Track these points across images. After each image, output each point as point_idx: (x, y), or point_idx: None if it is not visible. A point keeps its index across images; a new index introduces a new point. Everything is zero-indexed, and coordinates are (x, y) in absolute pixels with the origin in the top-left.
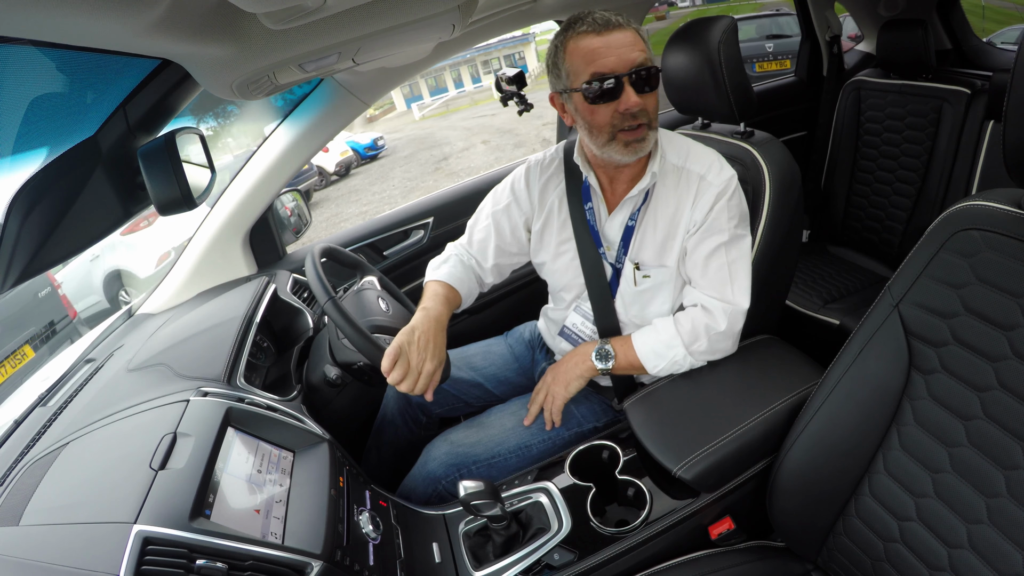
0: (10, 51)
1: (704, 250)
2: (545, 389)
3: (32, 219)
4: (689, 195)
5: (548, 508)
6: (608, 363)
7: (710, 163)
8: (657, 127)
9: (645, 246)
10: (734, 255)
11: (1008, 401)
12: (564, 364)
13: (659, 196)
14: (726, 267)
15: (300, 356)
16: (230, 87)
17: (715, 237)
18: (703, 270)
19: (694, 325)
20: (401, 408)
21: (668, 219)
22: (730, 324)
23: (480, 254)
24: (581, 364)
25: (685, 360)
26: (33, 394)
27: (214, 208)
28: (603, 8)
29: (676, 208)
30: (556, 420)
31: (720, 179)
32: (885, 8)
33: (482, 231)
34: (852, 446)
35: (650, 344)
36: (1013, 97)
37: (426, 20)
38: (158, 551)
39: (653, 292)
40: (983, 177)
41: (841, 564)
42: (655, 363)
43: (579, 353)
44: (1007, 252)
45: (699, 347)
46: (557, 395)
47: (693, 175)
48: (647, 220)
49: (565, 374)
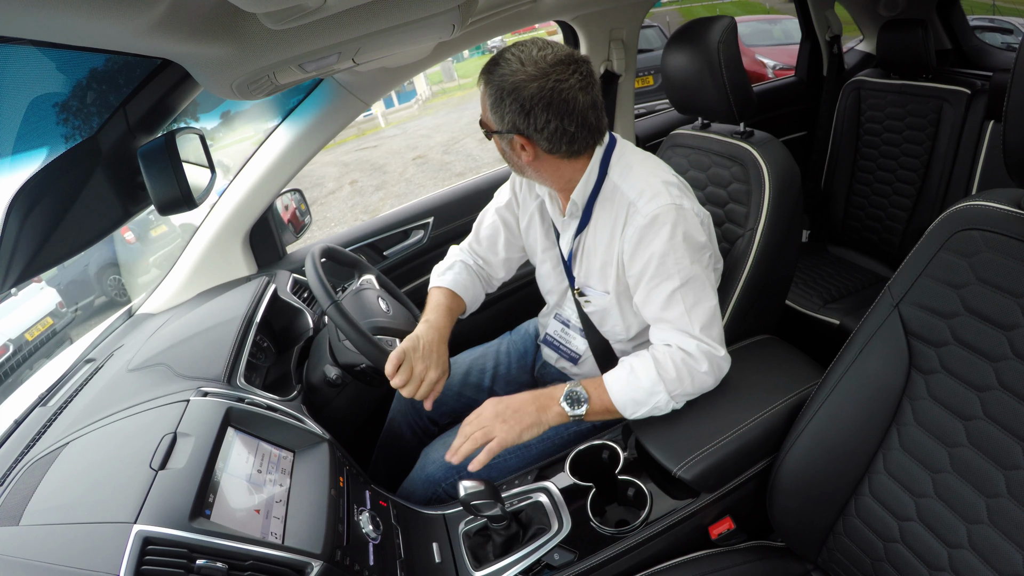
0: (10, 51)
1: (659, 299)
2: (479, 424)
3: (32, 219)
4: (620, 220)
5: (548, 508)
6: (581, 408)
7: (643, 189)
8: (517, 171)
9: (588, 271)
10: (691, 300)
11: (1008, 401)
12: (518, 405)
13: (597, 219)
14: (685, 315)
15: (300, 356)
16: (230, 87)
17: (667, 283)
18: (661, 317)
19: (678, 370)
20: (410, 421)
21: (605, 244)
22: (711, 364)
23: (490, 249)
24: (545, 411)
25: (667, 405)
26: (33, 394)
27: (214, 208)
28: (603, 8)
29: (611, 233)
30: (483, 460)
31: (648, 208)
32: (885, 8)
33: (489, 227)
34: (852, 446)
35: (629, 393)
36: (1013, 97)
37: (426, 20)
38: (158, 551)
39: (600, 315)
40: (983, 177)
41: (841, 564)
42: (634, 410)
43: (544, 396)
44: (1007, 252)
45: (683, 390)
46: (504, 439)
47: (624, 199)
48: (588, 244)
49: (520, 419)
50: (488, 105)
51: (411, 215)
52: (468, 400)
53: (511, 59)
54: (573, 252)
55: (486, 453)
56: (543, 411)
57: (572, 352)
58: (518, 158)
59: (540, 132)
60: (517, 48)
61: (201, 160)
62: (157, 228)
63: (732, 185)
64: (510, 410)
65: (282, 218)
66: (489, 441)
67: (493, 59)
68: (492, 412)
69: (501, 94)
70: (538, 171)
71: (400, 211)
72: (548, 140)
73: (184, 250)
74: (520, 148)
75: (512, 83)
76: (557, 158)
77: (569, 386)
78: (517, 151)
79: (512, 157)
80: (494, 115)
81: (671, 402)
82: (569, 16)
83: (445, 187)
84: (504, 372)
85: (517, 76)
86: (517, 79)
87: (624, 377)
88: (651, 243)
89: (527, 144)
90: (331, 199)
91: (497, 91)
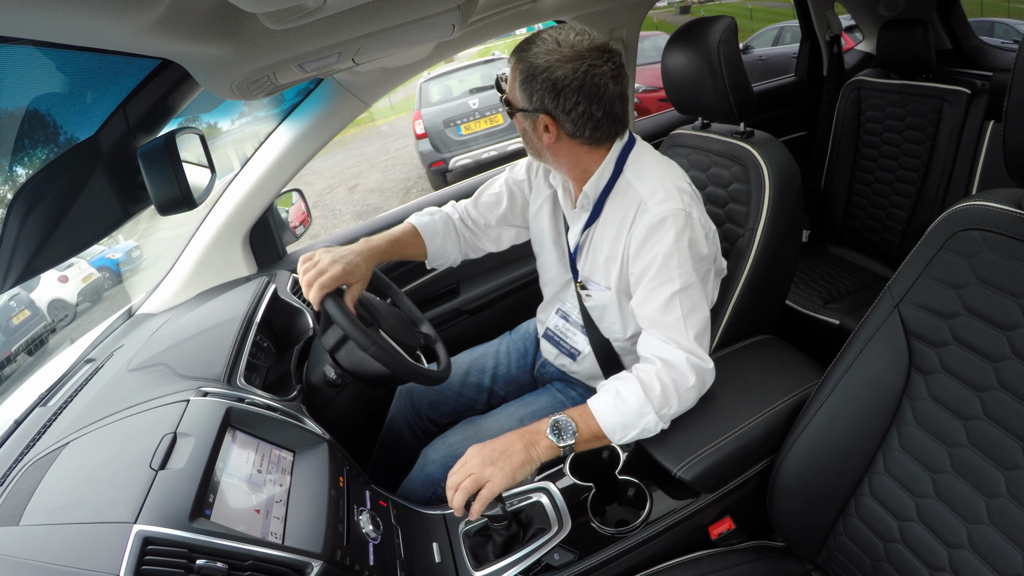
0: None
1: (658, 300)
2: (466, 472)
3: (32, 219)
4: (629, 217)
5: (548, 508)
6: (570, 439)
7: (656, 189)
8: (533, 153)
9: (593, 265)
10: (688, 306)
11: (1008, 401)
12: (503, 446)
13: (607, 215)
14: (681, 320)
15: (300, 356)
16: (230, 87)
17: (667, 286)
18: (657, 321)
19: (664, 388)
20: (409, 422)
21: (611, 240)
22: (699, 377)
23: (483, 214)
24: (534, 447)
25: (656, 427)
26: (33, 394)
27: (214, 208)
28: (603, 8)
29: (618, 229)
30: (477, 511)
31: (659, 208)
32: (885, 8)
33: (493, 196)
34: (852, 446)
35: (617, 417)
36: (1013, 97)
37: (426, 20)
38: (158, 551)
39: (600, 311)
40: (983, 177)
41: (841, 564)
42: (623, 434)
43: (530, 432)
44: (1007, 252)
45: (670, 410)
46: (496, 484)
47: (636, 196)
48: (595, 238)
49: (509, 459)
50: (518, 83)
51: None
52: (468, 400)
53: (548, 39)
54: (580, 245)
55: (479, 503)
56: (531, 447)
57: (572, 348)
58: (538, 139)
59: (567, 114)
60: (554, 31)
61: (201, 160)
62: (19, 315)
63: (732, 185)
64: (496, 452)
65: (292, 219)
66: (480, 488)
67: (528, 38)
68: (479, 459)
69: (533, 72)
70: (556, 155)
71: (400, 211)
72: (573, 123)
73: (184, 250)
74: (543, 129)
75: (547, 62)
76: (578, 144)
77: (553, 417)
78: (539, 131)
79: (532, 138)
80: (523, 93)
81: (659, 423)
82: (569, 16)
83: (445, 187)
84: (504, 372)
85: (552, 56)
86: (552, 59)
87: (610, 402)
88: (657, 243)
89: (552, 125)
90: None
91: (529, 69)
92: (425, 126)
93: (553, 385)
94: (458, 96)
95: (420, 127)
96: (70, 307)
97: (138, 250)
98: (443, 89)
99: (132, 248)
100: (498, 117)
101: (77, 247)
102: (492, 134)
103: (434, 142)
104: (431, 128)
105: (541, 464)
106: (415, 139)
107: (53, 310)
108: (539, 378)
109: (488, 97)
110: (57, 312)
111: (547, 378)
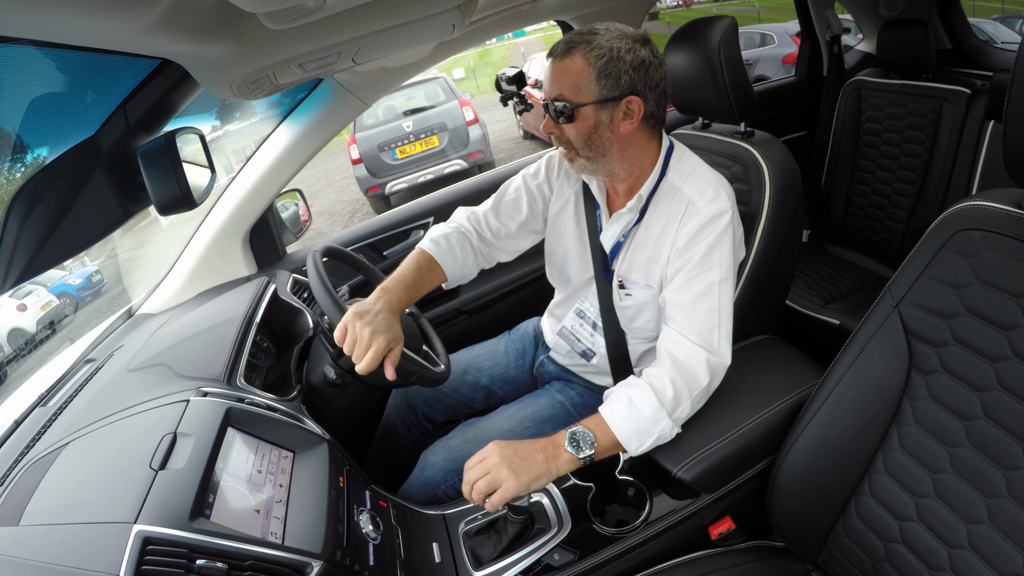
0: (10, 51)
1: (694, 289)
2: (483, 470)
3: (32, 219)
4: (676, 218)
5: (548, 508)
6: (588, 450)
7: (704, 189)
8: (592, 156)
9: (631, 264)
10: (724, 300)
11: (1008, 401)
12: (527, 452)
13: (651, 216)
14: (716, 312)
15: (300, 356)
16: (230, 87)
17: (706, 276)
18: (689, 310)
19: (676, 390)
20: (404, 419)
21: (655, 239)
22: (712, 378)
23: (508, 221)
24: (555, 460)
25: (672, 432)
26: (33, 394)
27: (214, 208)
28: (603, 8)
29: (663, 229)
30: (497, 503)
31: (709, 208)
32: (885, 8)
33: (511, 203)
34: (852, 446)
35: (632, 424)
36: (1013, 97)
37: (426, 20)
38: (158, 551)
39: (636, 310)
40: (983, 177)
41: (841, 564)
42: (639, 443)
43: (550, 445)
44: (1007, 252)
45: (682, 412)
46: (509, 489)
47: (684, 198)
48: (637, 238)
49: (529, 468)
50: (594, 73)
51: (411, 215)
52: (464, 398)
53: (610, 29)
54: (620, 245)
55: (490, 506)
56: (552, 460)
57: (588, 348)
58: (611, 132)
59: (653, 91)
60: (604, 24)
61: (201, 160)
62: None
63: (732, 185)
64: (518, 457)
65: (297, 219)
66: (492, 492)
67: (579, 32)
68: (498, 458)
69: (614, 55)
70: (624, 148)
71: (400, 211)
72: (656, 102)
73: (184, 250)
74: (622, 115)
75: (627, 46)
76: (649, 129)
77: (570, 429)
78: (617, 120)
79: (604, 132)
80: (604, 81)
81: (675, 428)
82: (569, 16)
83: (445, 187)
84: (502, 371)
85: (625, 42)
86: (627, 43)
87: (623, 409)
88: (704, 238)
89: (639, 105)
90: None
91: (608, 53)
92: (360, 151)
93: (552, 385)
94: (391, 119)
95: (355, 152)
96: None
97: (98, 274)
98: (377, 112)
99: (92, 273)
100: (433, 139)
101: (77, 247)
102: (427, 157)
103: (370, 167)
104: (366, 153)
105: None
106: (351, 164)
107: (12, 339)
108: (538, 378)
109: (422, 119)
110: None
111: (546, 378)
